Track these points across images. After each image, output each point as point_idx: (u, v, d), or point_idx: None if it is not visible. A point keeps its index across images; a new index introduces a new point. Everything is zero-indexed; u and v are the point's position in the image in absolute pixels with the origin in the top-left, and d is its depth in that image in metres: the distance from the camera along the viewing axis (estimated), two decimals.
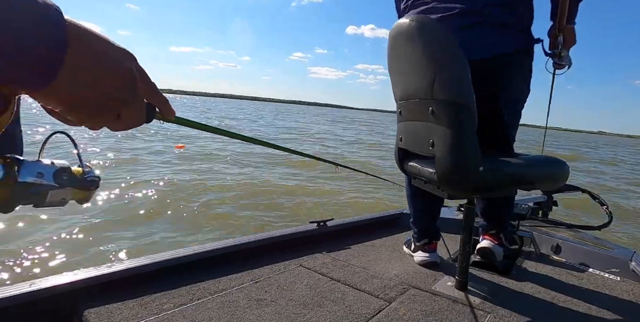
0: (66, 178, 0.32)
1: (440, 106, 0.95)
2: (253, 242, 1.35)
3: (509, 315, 1.04)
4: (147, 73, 0.33)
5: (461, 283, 1.17)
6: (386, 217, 1.92)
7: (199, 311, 0.96)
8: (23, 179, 0.29)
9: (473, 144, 0.94)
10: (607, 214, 1.78)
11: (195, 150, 7.33)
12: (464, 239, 1.14)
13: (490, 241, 1.42)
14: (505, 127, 1.30)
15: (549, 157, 1.13)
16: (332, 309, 1.02)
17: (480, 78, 1.04)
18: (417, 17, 0.99)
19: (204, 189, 4.21)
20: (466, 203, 1.15)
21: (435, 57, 0.94)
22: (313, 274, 1.24)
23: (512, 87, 1.27)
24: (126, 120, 0.32)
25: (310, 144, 10.64)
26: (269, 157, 6.70)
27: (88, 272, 1.00)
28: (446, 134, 0.94)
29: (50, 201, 0.32)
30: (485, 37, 1.21)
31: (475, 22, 1.20)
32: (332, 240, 1.60)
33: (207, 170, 5.33)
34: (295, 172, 5.73)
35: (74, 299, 0.96)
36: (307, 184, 4.97)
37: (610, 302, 1.18)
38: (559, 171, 1.09)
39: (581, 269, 1.46)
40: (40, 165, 0.31)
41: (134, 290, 1.03)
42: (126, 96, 0.31)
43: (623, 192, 6.99)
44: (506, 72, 1.24)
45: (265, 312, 0.98)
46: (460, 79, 0.94)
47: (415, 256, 1.43)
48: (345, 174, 5.33)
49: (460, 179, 0.97)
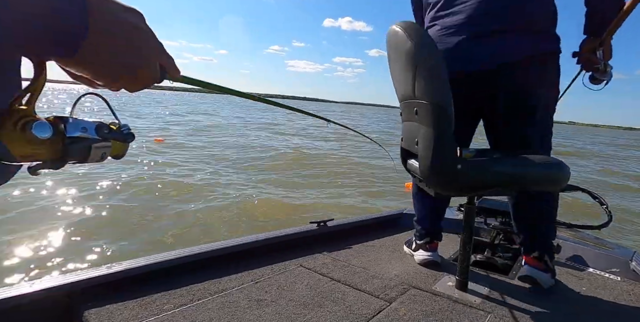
0: (107, 131, 0.34)
1: (421, 107, 0.99)
2: (253, 242, 1.35)
3: (509, 315, 1.04)
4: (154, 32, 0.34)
5: (461, 283, 1.17)
6: (386, 217, 1.92)
7: (199, 312, 0.96)
8: (70, 134, 0.31)
9: (449, 143, 0.97)
10: (607, 213, 1.78)
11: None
12: (464, 239, 1.14)
13: (534, 266, 1.22)
14: (528, 130, 1.21)
15: (547, 157, 1.11)
16: (333, 309, 1.02)
17: (503, 82, 1.14)
18: (402, 23, 1.03)
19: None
20: (466, 203, 1.15)
21: (414, 60, 0.98)
22: (313, 275, 1.24)
23: (536, 92, 1.19)
24: (143, 80, 0.34)
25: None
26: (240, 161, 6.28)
27: (88, 273, 1.00)
28: (426, 133, 0.99)
29: (93, 157, 0.33)
30: (494, 45, 1.16)
31: (489, 30, 1.16)
32: (332, 240, 1.60)
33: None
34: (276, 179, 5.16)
35: (74, 299, 0.95)
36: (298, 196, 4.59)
37: (610, 302, 1.18)
38: (556, 172, 1.05)
39: (581, 268, 1.46)
40: (82, 121, 0.32)
41: (134, 290, 1.03)
42: (144, 56, 0.32)
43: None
44: (531, 76, 1.16)
45: (265, 312, 0.98)
46: (435, 81, 0.97)
47: (416, 255, 1.43)
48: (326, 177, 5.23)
49: (438, 177, 1.01)
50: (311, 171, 5.97)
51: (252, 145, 8.34)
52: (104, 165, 5.18)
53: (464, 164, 0.97)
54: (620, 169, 10.20)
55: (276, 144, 8.93)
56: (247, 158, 6.66)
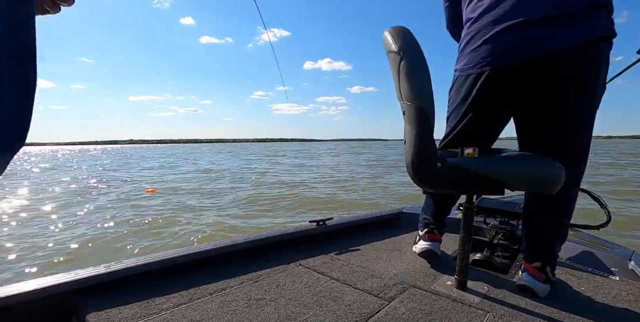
0: None
1: (406, 108, 1.03)
2: (253, 242, 1.36)
3: (508, 314, 1.04)
4: None
5: (461, 282, 1.18)
6: (386, 216, 1.92)
7: (198, 311, 0.96)
8: None
9: (429, 142, 1.01)
10: (606, 213, 1.78)
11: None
12: (463, 238, 1.14)
13: (534, 276, 1.18)
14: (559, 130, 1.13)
15: (538, 157, 1.08)
16: (332, 308, 1.02)
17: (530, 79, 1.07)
18: (391, 28, 1.05)
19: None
20: (465, 202, 1.15)
21: (397, 63, 1.01)
22: (313, 274, 1.24)
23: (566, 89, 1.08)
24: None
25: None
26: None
27: (88, 272, 1.00)
28: (410, 133, 1.02)
29: None
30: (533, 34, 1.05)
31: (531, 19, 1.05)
32: (332, 240, 1.60)
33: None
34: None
35: (73, 299, 0.96)
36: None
37: (610, 302, 1.18)
38: (546, 171, 1.01)
39: (580, 268, 1.46)
40: None
41: (133, 290, 1.03)
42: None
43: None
44: (565, 70, 1.06)
45: (264, 311, 0.98)
46: (415, 84, 0.99)
47: (417, 246, 1.43)
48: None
49: (418, 174, 1.03)
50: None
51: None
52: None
53: (443, 163, 1.00)
54: None
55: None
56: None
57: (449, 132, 1.34)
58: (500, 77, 1.14)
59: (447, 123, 1.37)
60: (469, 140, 1.28)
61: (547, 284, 1.18)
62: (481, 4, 1.18)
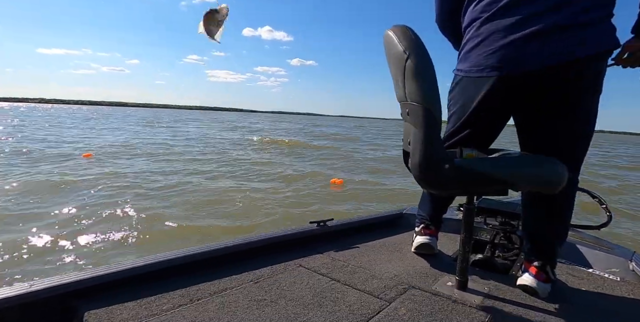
0: None
1: (411, 108, 1.01)
2: (253, 242, 1.35)
3: (508, 315, 1.04)
4: None
5: (461, 283, 1.18)
6: (386, 217, 1.92)
7: (198, 312, 0.96)
8: None
9: (437, 143, 1.01)
10: (607, 213, 1.78)
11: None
12: (463, 239, 1.14)
13: (535, 276, 1.18)
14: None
15: (542, 157, 1.08)
16: (332, 309, 1.02)
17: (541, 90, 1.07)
18: (394, 27, 1.03)
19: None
20: (465, 203, 1.15)
21: (403, 64, 1.00)
22: (313, 274, 1.24)
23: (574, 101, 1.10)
24: None
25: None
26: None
27: (88, 273, 1.00)
28: (415, 133, 1.01)
29: None
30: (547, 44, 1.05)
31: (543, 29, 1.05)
32: (332, 240, 1.60)
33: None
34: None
35: (73, 299, 0.96)
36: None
37: (610, 303, 1.18)
38: (549, 171, 1.01)
39: (580, 269, 1.46)
40: None
41: (133, 291, 1.03)
42: None
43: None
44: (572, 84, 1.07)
45: (265, 312, 0.98)
46: (423, 84, 0.98)
47: (414, 242, 1.44)
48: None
49: (424, 176, 1.03)
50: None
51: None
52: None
53: (450, 164, 0.99)
54: None
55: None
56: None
57: (450, 133, 1.33)
58: (512, 83, 1.12)
59: (447, 123, 1.37)
60: (470, 141, 1.28)
61: (548, 284, 1.18)
62: (496, 5, 1.12)
